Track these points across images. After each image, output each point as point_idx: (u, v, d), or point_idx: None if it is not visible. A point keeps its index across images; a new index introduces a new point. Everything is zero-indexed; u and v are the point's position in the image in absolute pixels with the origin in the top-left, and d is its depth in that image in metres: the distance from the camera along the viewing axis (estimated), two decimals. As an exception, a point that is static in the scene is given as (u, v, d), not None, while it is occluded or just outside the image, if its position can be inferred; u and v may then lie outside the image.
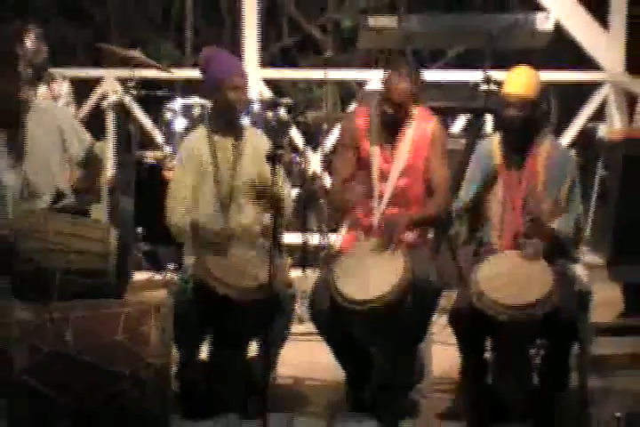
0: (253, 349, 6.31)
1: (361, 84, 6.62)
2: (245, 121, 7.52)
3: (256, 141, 6.50)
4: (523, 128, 6.23)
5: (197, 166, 6.42)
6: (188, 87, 8.20)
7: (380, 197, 6.34)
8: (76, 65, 8.53)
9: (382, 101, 6.33)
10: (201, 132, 6.54)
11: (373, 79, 8.38)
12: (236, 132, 6.48)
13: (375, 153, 6.35)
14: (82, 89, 7.99)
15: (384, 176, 6.34)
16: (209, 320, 6.17)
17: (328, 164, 7.91)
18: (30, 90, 7.25)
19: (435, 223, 6.48)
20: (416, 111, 6.39)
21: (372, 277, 6.05)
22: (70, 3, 10.90)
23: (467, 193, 6.33)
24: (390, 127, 6.35)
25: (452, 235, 6.58)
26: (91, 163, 6.60)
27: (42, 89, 7.44)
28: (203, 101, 7.91)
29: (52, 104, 6.81)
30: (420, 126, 6.38)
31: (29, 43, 7.38)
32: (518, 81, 6.24)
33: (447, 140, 6.58)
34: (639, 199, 6.87)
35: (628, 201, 6.87)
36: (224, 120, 6.47)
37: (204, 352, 6.30)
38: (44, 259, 6.07)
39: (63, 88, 7.63)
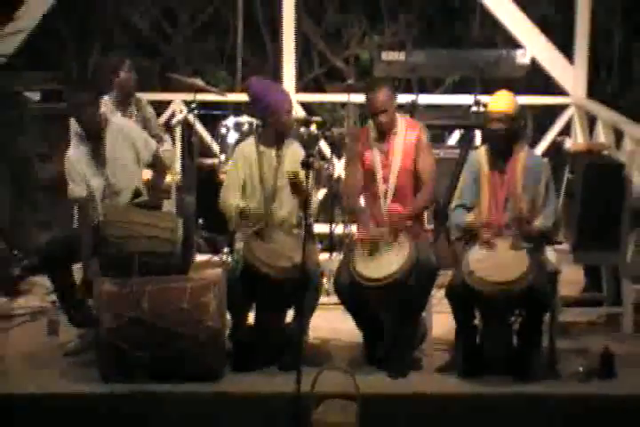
0: (289, 315, 6.32)
1: (366, 101, 6.67)
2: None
3: (293, 151, 6.47)
4: (504, 139, 6.22)
5: (246, 169, 6.43)
6: (238, 107, 8.22)
7: (384, 195, 6.36)
8: (150, 90, 8.52)
9: (369, 113, 6.34)
10: (251, 142, 6.52)
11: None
12: (279, 143, 6.48)
13: (376, 160, 6.37)
14: (155, 109, 8.01)
15: (385, 178, 6.34)
16: (254, 293, 6.17)
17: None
18: (119, 110, 7.27)
19: (427, 209, 6.49)
20: (403, 121, 6.39)
21: (384, 259, 6.07)
22: (146, 41, 10.94)
23: (459, 197, 6.34)
24: (383, 135, 6.34)
25: (448, 226, 6.59)
26: (157, 163, 6.62)
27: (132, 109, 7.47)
28: (250, 119, 7.92)
29: (125, 120, 6.78)
30: (407, 133, 6.35)
31: (123, 73, 7.41)
32: (500, 101, 6.24)
33: (434, 146, 6.59)
34: (598, 198, 6.84)
35: (589, 199, 6.85)
36: (273, 135, 6.47)
37: (250, 318, 6.31)
38: (125, 244, 6.10)
39: (149, 110, 7.66)
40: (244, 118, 8.00)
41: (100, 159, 6.40)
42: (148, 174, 6.67)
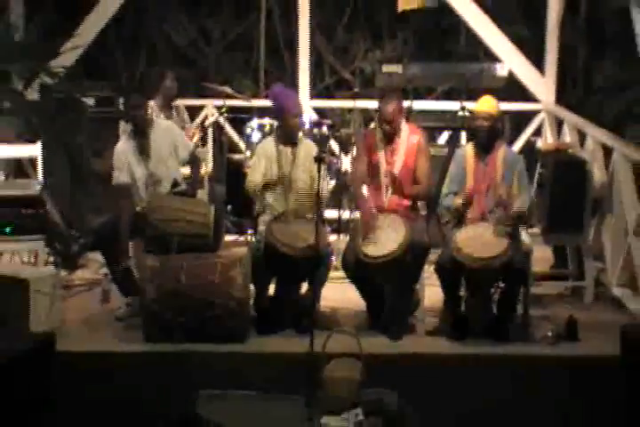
0: (304, 287, 6.32)
1: (377, 110, 6.62)
2: (300, 134, 7.50)
3: (307, 148, 6.44)
4: (487, 135, 6.21)
5: (267, 163, 6.38)
6: (262, 111, 8.18)
7: (386, 187, 6.32)
8: (188, 97, 8.50)
9: (379, 120, 6.32)
10: (270, 140, 6.51)
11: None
12: (294, 142, 6.45)
13: (382, 158, 6.33)
14: (190, 113, 7.98)
15: (388, 173, 6.29)
16: (275, 268, 6.17)
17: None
18: (162, 113, 7.26)
19: (419, 199, 6.46)
20: (406, 127, 6.35)
21: (384, 240, 6.05)
22: (184, 55, 10.93)
23: (448, 186, 6.29)
24: (388, 138, 6.31)
25: (439, 212, 6.57)
26: (194, 161, 6.61)
27: (172, 112, 7.46)
28: (271, 121, 7.90)
29: (167, 122, 6.78)
30: (409, 137, 6.32)
31: (167, 82, 7.40)
32: (485, 103, 6.23)
33: (429, 147, 6.54)
34: (564, 189, 6.81)
35: (557, 190, 6.82)
36: (286, 134, 6.46)
37: (271, 289, 6.30)
38: (166, 226, 6.10)
39: (185, 115, 7.66)
40: (266, 120, 7.97)
41: (144, 153, 6.40)
42: (187, 170, 6.65)
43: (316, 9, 9.43)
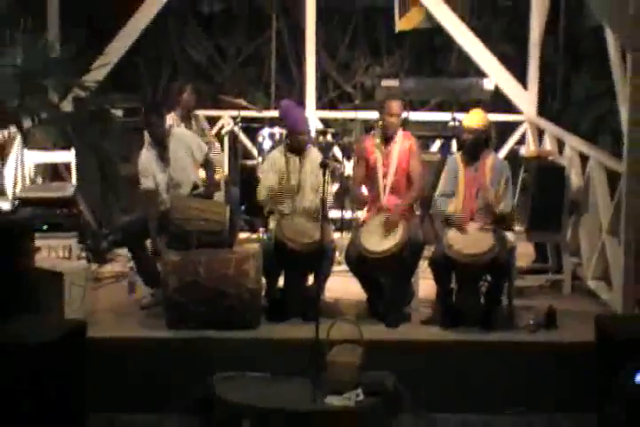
0: (310, 280, 6.28)
1: (377, 120, 6.60)
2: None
3: (313, 156, 6.42)
4: (472, 147, 6.18)
5: (277, 170, 6.37)
6: (272, 121, 8.14)
7: (383, 188, 6.29)
8: (205, 108, 8.48)
9: (383, 116, 6.26)
10: (280, 149, 6.50)
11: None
12: (301, 151, 6.42)
13: (378, 161, 6.29)
14: (208, 122, 7.95)
15: (384, 175, 6.28)
16: (283, 262, 6.13)
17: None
18: (182, 123, 7.23)
19: (416, 201, 6.41)
20: (400, 133, 6.33)
21: (383, 237, 6.03)
22: (202, 70, 10.90)
23: (442, 187, 6.25)
24: (384, 142, 6.28)
25: (432, 212, 6.55)
26: (207, 162, 6.55)
27: (192, 122, 7.45)
28: (281, 130, 7.88)
29: (180, 130, 6.76)
30: (403, 143, 6.29)
31: (186, 94, 7.37)
32: (473, 118, 6.19)
33: (421, 152, 6.54)
34: (545, 192, 6.79)
35: (539, 193, 6.80)
36: (294, 146, 6.41)
37: (280, 281, 6.28)
38: (186, 224, 6.09)
39: (204, 123, 7.64)
40: (276, 130, 7.95)
41: (164, 160, 6.38)
42: (204, 174, 6.63)
43: (320, 29, 9.40)
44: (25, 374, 4.77)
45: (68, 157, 7.69)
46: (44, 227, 6.76)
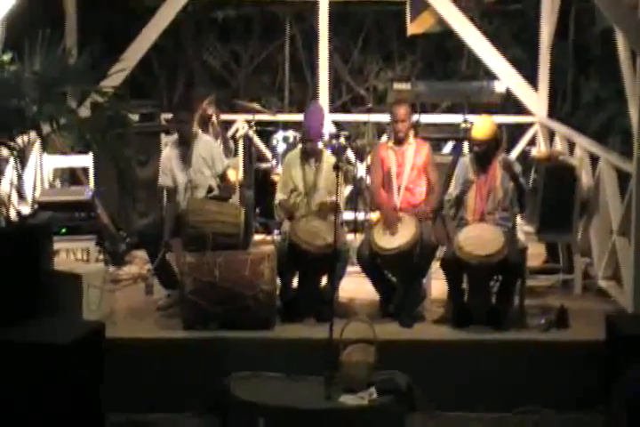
0: (324, 281, 6.28)
1: (389, 123, 6.61)
2: (321, 145, 7.52)
3: (327, 158, 6.47)
4: (484, 157, 6.14)
5: (293, 173, 6.41)
6: (286, 125, 8.17)
7: (397, 188, 6.28)
8: (220, 112, 8.50)
9: (392, 123, 6.26)
10: (296, 152, 6.54)
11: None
12: (315, 154, 6.47)
13: (393, 165, 6.27)
14: (224, 126, 7.98)
15: (398, 176, 6.27)
16: (297, 263, 6.13)
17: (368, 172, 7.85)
18: (201, 128, 7.27)
19: (437, 208, 6.42)
20: (413, 140, 6.33)
21: (395, 236, 6.03)
22: (217, 76, 10.95)
23: (453, 190, 6.26)
24: (399, 144, 6.28)
25: (444, 213, 6.53)
26: (225, 174, 6.57)
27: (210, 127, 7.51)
28: (295, 133, 7.90)
29: (208, 137, 6.82)
30: (418, 149, 6.29)
31: (205, 104, 7.44)
32: (480, 129, 6.13)
33: (435, 157, 6.54)
34: (556, 193, 6.77)
35: (549, 193, 6.78)
36: (305, 148, 6.47)
37: (295, 282, 6.28)
38: (202, 227, 6.10)
39: (218, 127, 7.69)
40: (290, 133, 7.97)
41: (186, 161, 6.43)
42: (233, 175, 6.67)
43: (334, 34, 9.42)
44: (44, 374, 4.80)
45: (85, 161, 7.72)
46: (63, 230, 6.79)
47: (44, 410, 4.81)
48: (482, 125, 6.15)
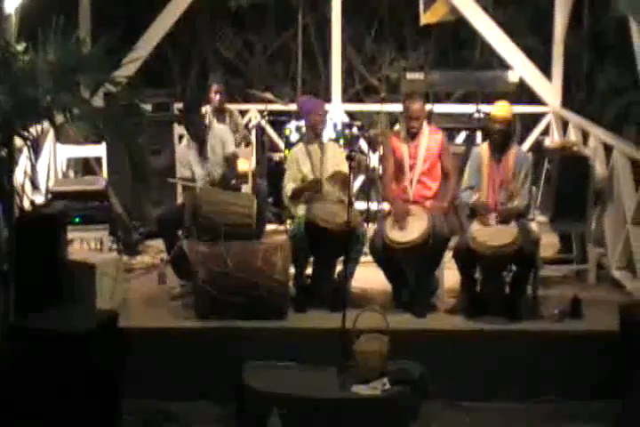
0: (338, 268, 6.26)
1: (402, 113, 6.58)
2: (332, 135, 7.51)
3: (333, 147, 6.50)
4: (502, 138, 6.14)
5: (301, 165, 6.41)
6: (299, 115, 8.13)
7: (410, 180, 6.25)
8: (234, 102, 8.50)
9: (405, 118, 6.24)
10: (299, 146, 6.55)
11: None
12: (320, 141, 6.47)
13: (405, 154, 6.25)
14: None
15: (411, 167, 6.24)
16: (314, 246, 6.07)
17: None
18: (216, 117, 7.27)
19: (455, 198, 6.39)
20: (427, 127, 6.30)
21: (409, 227, 6.01)
22: (231, 65, 10.94)
23: (466, 181, 6.25)
24: (412, 136, 6.24)
25: (457, 204, 6.51)
26: (229, 161, 6.58)
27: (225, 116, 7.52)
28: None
29: (220, 127, 6.81)
30: (431, 136, 6.26)
31: (211, 94, 7.44)
32: (501, 108, 6.17)
33: (450, 145, 6.51)
34: (569, 183, 6.74)
35: (563, 183, 6.75)
36: (313, 136, 6.48)
37: (309, 269, 6.27)
38: (215, 217, 6.10)
39: (239, 119, 7.71)
40: (303, 123, 7.93)
41: (203, 155, 6.49)
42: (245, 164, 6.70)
43: (347, 23, 9.38)
44: (59, 362, 4.82)
45: (99, 151, 7.73)
46: (77, 219, 6.80)
47: (60, 397, 4.83)
48: (502, 106, 6.18)
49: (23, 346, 4.89)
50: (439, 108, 8.36)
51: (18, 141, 5.59)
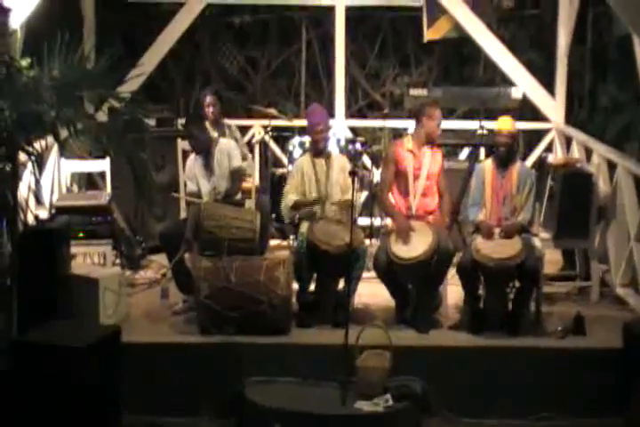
0: (340, 285, 6.27)
1: (406, 129, 6.58)
2: (335, 150, 7.51)
3: (338, 161, 6.49)
4: (507, 153, 6.17)
5: (304, 175, 6.41)
6: (302, 130, 8.16)
7: (414, 192, 6.25)
8: (237, 117, 8.52)
9: (422, 122, 6.23)
10: (305, 157, 6.54)
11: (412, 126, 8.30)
12: (326, 155, 6.47)
13: (409, 167, 6.25)
14: (240, 131, 7.99)
15: (415, 179, 6.25)
16: (316, 264, 6.10)
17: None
18: (215, 131, 7.27)
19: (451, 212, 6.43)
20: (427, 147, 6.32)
21: (414, 243, 6.02)
22: (234, 81, 10.97)
23: (472, 197, 6.26)
24: (415, 148, 6.23)
25: (460, 219, 6.53)
26: (236, 173, 6.59)
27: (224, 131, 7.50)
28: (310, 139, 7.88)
29: (226, 141, 6.80)
30: (434, 155, 6.27)
31: (206, 101, 7.45)
32: (505, 123, 6.22)
33: (451, 163, 6.55)
34: (573, 199, 6.74)
35: (566, 200, 6.76)
36: (319, 150, 6.47)
37: (312, 286, 6.27)
38: (218, 231, 6.10)
39: (237, 133, 7.71)
40: (306, 138, 7.96)
41: (209, 169, 6.49)
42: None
43: (350, 39, 9.42)
44: (60, 376, 4.82)
45: (103, 165, 7.76)
46: (80, 234, 6.82)
47: (61, 411, 4.83)
48: (506, 121, 6.22)
49: (25, 361, 4.90)
50: (442, 124, 8.37)
51: (22, 156, 5.63)
